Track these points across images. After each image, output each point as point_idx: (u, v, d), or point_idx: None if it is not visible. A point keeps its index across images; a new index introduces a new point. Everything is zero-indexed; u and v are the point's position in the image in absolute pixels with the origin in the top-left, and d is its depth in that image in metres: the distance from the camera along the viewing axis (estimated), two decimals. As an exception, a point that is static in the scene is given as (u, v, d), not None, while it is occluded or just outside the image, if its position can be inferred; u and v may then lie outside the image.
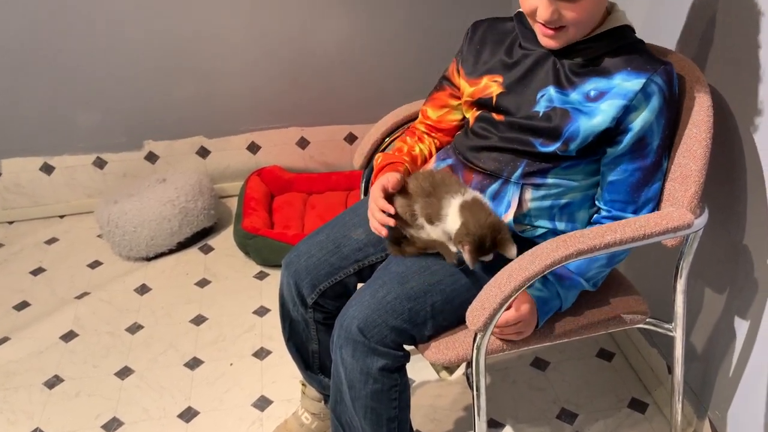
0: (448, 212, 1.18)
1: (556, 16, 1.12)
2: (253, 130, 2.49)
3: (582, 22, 1.14)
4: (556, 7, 1.11)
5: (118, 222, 2.19)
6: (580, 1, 1.10)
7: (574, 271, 1.20)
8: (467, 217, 1.14)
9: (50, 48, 2.21)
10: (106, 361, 1.84)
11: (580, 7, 1.11)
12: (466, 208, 1.16)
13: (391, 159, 1.35)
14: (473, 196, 1.19)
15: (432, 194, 1.21)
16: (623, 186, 1.19)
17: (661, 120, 1.15)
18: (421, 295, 1.19)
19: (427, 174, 1.25)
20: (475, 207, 1.16)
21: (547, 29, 1.15)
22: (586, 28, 1.16)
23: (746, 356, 1.35)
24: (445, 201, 1.18)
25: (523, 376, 1.76)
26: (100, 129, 2.38)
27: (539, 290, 1.18)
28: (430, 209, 1.19)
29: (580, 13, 1.11)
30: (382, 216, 1.23)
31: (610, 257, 1.20)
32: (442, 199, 1.19)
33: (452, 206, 1.17)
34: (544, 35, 1.17)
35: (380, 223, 1.23)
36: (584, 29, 1.16)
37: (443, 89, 1.38)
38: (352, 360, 1.18)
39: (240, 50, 2.33)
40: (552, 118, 1.18)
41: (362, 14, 2.33)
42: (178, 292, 2.10)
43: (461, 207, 1.16)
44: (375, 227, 1.25)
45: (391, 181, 1.25)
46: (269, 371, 1.80)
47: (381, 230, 1.24)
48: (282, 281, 1.39)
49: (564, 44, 1.17)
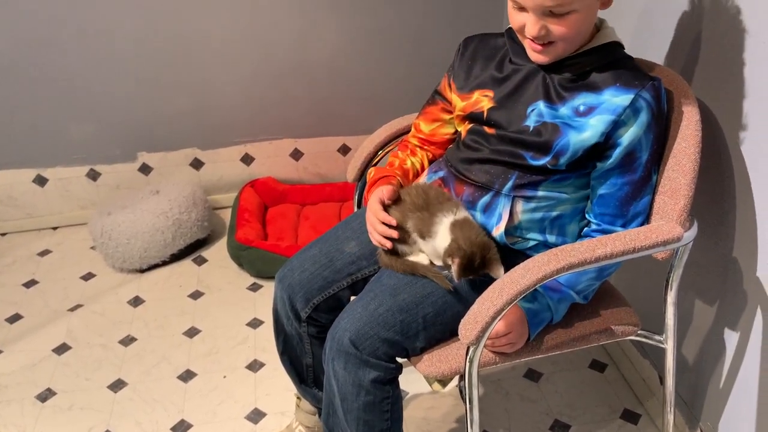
0: (438, 230, 1.19)
1: (543, 32, 1.13)
2: (246, 141, 2.50)
3: (570, 38, 1.15)
4: (544, 23, 1.13)
5: (112, 234, 2.19)
6: (566, 17, 1.12)
7: (564, 283, 1.21)
8: (458, 234, 1.16)
9: (43, 60, 2.22)
10: (98, 374, 1.84)
11: (567, 23, 1.12)
12: (457, 227, 1.17)
13: (383, 173, 1.36)
14: (464, 216, 1.20)
15: (425, 209, 1.22)
16: (612, 200, 1.20)
17: (649, 135, 1.16)
18: (413, 307, 1.20)
19: (421, 190, 1.26)
20: (466, 226, 1.17)
21: (536, 45, 1.17)
22: (574, 44, 1.18)
23: (736, 367, 1.36)
24: (437, 218, 1.20)
25: (515, 388, 1.76)
26: (94, 141, 2.38)
27: (529, 302, 1.19)
28: (422, 225, 1.21)
29: (568, 28, 1.13)
30: (385, 228, 1.24)
31: (599, 270, 1.21)
32: (434, 216, 1.20)
33: (443, 224, 1.19)
34: (533, 50, 1.19)
35: (383, 236, 1.24)
36: (573, 45, 1.18)
37: (435, 103, 1.39)
38: (344, 372, 1.18)
39: (233, 62, 2.34)
40: (542, 132, 1.19)
41: (355, 27, 2.35)
42: (172, 304, 2.10)
43: (452, 225, 1.18)
44: (378, 240, 1.26)
45: (386, 193, 1.27)
46: (263, 384, 1.80)
47: (385, 243, 1.25)
48: (275, 296, 1.39)
49: (553, 59, 1.19)
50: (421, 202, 1.23)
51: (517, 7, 1.15)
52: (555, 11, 1.11)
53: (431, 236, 1.20)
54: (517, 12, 1.16)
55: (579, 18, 1.13)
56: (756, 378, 1.31)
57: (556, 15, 1.11)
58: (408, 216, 1.23)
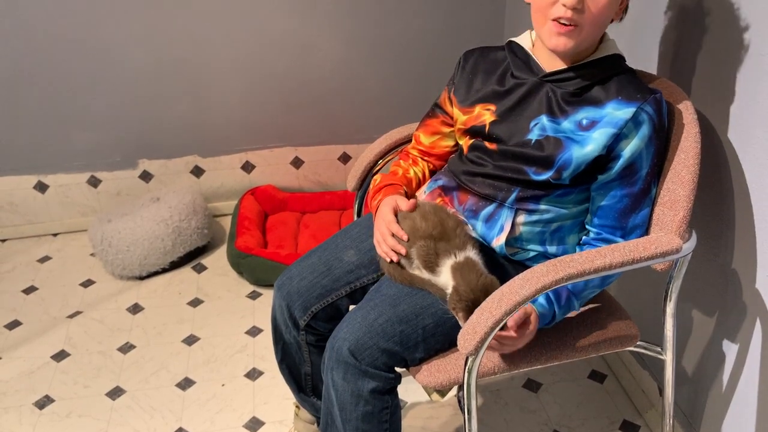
0: (442, 270, 1.18)
1: (580, 5, 1.11)
2: (247, 149, 2.51)
3: (597, 23, 1.13)
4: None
5: (112, 241, 2.19)
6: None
7: (571, 290, 1.21)
8: (458, 281, 1.15)
9: (45, 68, 2.23)
10: (97, 381, 1.84)
11: (601, 2, 1.11)
12: (458, 270, 1.16)
13: (390, 180, 1.37)
14: (465, 257, 1.18)
15: (436, 240, 1.20)
16: (611, 212, 1.20)
17: (650, 148, 1.17)
18: (413, 317, 1.20)
19: (437, 220, 1.22)
20: (466, 268, 1.16)
21: (562, 26, 1.13)
22: (594, 36, 1.16)
23: (736, 379, 1.36)
24: (441, 259, 1.19)
25: (515, 398, 1.76)
26: (95, 147, 2.39)
27: (543, 306, 1.18)
28: (427, 257, 1.19)
29: (602, 6, 1.11)
30: (395, 243, 1.24)
31: (602, 279, 1.21)
32: (439, 257, 1.19)
33: (446, 266, 1.18)
34: (558, 33, 1.14)
35: (392, 249, 1.24)
36: (593, 36, 1.16)
37: (435, 116, 1.40)
38: (343, 382, 1.18)
39: (234, 70, 2.35)
40: (545, 146, 1.19)
41: (356, 37, 2.36)
42: (171, 311, 2.10)
43: (453, 269, 1.17)
44: (385, 252, 1.25)
45: (403, 204, 1.26)
46: (261, 392, 1.79)
47: (392, 256, 1.24)
48: (274, 304, 1.39)
49: (574, 47, 1.15)
50: (437, 232, 1.21)
51: None
52: None
53: (435, 273, 1.19)
54: None
55: (609, 4, 1.12)
56: (755, 390, 1.31)
57: None
58: (415, 241, 1.22)
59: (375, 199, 1.37)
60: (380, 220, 1.27)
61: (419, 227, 1.22)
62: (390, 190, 1.34)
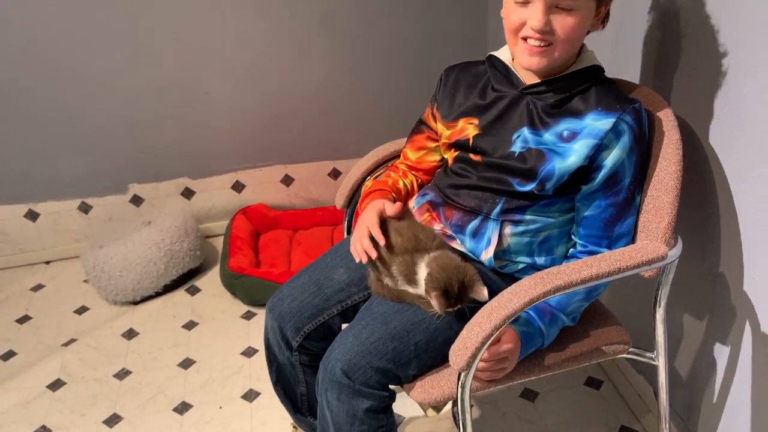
0: (420, 277, 1.19)
1: (548, 27, 1.13)
2: (237, 169, 2.51)
3: (569, 40, 1.15)
4: (549, 18, 1.12)
5: (104, 267, 2.19)
6: (571, 14, 1.12)
7: (555, 306, 1.22)
8: (432, 267, 1.16)
9: (32, 94, 2.23)
10: (94, 409, 1.83)
11: (570, 21, 1.12)
12: (432, 261, 1.18)
13: (380, 185, 1.38)
14: (441, 251, 1.21)
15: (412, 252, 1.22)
16: (596, 222, 1.21)
17: (632, 157, 1.18)
18: (405, 334, 1.20)
19: (411, 234, 1.24)
20: (441, 257, 1.18)
21: (535, 46, 1.15)
22: (568, 52, 1.18)
23: (729, 381, 1.37)
24: (418, 267, 1.20)
25: (512, 408, 1.76)
26: (85, 174, 2.39)
27: (524, 326, 1.19)
28: (408, 271, 1.20)
29: (570, 27, 1.13)
30: (369, 246, 1.23)
31: (588, 291, 1.22)
32: (416, 264, 1.20)
33: (422, 269, 1.19)
34: (530, 53, 1.16)
35: (364, 250, 1.24)
36: (566, 53, 1.17)
37: (421, 132, 1.41)
38: (337, 403, 1.18)
39: (222, 91, 2.36)
40: (527, 159, 1.20)
41: (343, 54, 2.37)
42: (166, 335, 2.10)
43: (428, 264, 1.19)
44: (358, 252, 1.25)
45: (389, 208, 1.27)
46: (259, 413, 1.79)
47: (362, 256, 1.24)
48: (266, 325, 1.39)
49: (547, 65, 1.17)
50: (407, 244, 1.22)
51: (521, 2, 1.14)
52: (561, 5, 1.11)
53: (417, 284, 1.20)
54: (519, 7, 1.14)
55: (580, 20, 1.13)
56: (748, 392, 1.31)
57: (562, 9, 1.11)
58: (395, 258, 1.23)
59: (364, 202, 1.37)
60: (362, 220, 1.28)
61: (395, 243, 1.24)
62: (378, 195, 1.35)
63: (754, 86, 1.16)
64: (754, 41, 1.14)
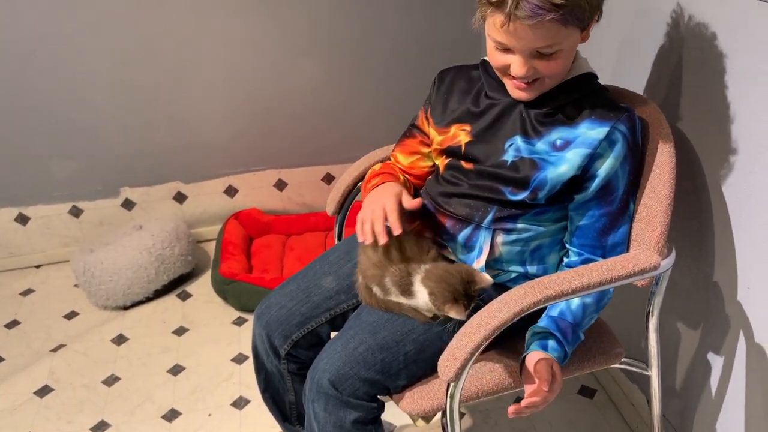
0: (417, 289, 1.17)
1: (531, 72, 1.12)
2: (229, 173, 2.49)
3: (557, 74, 1.14)
4: (532, 65, 1.11)
5: (94, 272, 2.16)
6: (554, 56, 1.10)
7: (572, 322, 1.17)
8: (429, 286, 1.14)
9: (23, 97, 2.21)
10: (81, 416, 1.80)
11: (555, 62, 1.11)
12: (426, 279, 1.16)
13: (388, 169, 1.35)
14: (432, 264, 1.19)
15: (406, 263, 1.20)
16: (590, 231, 1.20)
17: (626, 166, 1.16)
18: (394, 345, 1.18)
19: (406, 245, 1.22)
20: (431, 271, 1.16)
21: (521, 83, 1.15)
22: (559, 78, 1.17)
23: (722, 391, 1.35)
24: (414, 278, 1.18)
25: (504, 418, 1.74)
26: (76, 177, 2.37)
27: (555, 350, 1.15)
28: (402, 281, 1.18)
29: (555, 66, 1.12)
30: (382, 231, 1.14)
31: (597, 303, 1.19)
32: (412, 275, 1.18)
33: (418, 282, 1.17)
34: (518, 89, 1.17)
35: (374, 233, 1.14)
36: (558, 79, 1.17)
37: (413, 136, 1.38)
38: (324, 414, 1.17)
39: (215, 95, 2.34)
40: (520, 167, 1.18)
41: (336, 57, 2.36)
42: (156, 341, 2.07)
43: (422, 282, 1.16)
44: (365, 233, 1.15)
45: (409, 201, 1.18)
46: (248, 421, 1.77)
47: (369, 238, 1.15)
48: (254, 333, 1.37)
49: (537, 95, 1.17)
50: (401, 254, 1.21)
51: (501, 48, 1.13)
52: (543, 52, 1.09)
53: (412, 295, 1.18)
54: (501, 53, 1.13)
55: (565, 56, 1.12)
56: (742, 403, 1.30)
57: (544, 56, 1.10)
58: (387, 268, 1.20)
59: (371, 181, 1.31)
60: (376, 201, 1.17)
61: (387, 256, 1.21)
62: (389, 178, 1.30)
63: (748, 95, 1.15)
64: (749, 50, 1.13)
